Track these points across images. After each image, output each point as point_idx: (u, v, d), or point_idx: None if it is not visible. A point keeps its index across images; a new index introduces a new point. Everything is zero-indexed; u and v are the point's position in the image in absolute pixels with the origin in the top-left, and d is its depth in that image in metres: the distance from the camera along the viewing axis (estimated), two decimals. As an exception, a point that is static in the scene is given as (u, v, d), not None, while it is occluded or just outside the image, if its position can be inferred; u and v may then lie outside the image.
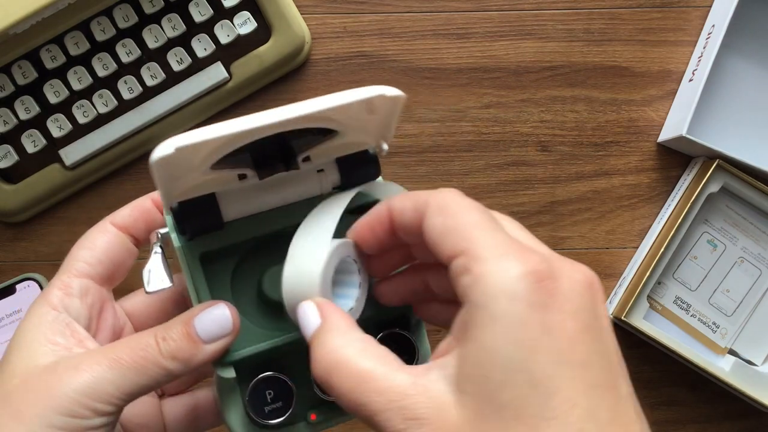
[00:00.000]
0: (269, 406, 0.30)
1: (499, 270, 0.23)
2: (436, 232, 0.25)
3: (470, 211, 0.25)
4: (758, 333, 0.56)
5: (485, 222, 0.25)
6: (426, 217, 0.26)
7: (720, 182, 0.53)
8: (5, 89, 0.52)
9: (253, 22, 0.53)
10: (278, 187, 0.30)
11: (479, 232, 0.25)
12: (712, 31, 0.54)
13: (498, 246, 0.24)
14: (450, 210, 0.26)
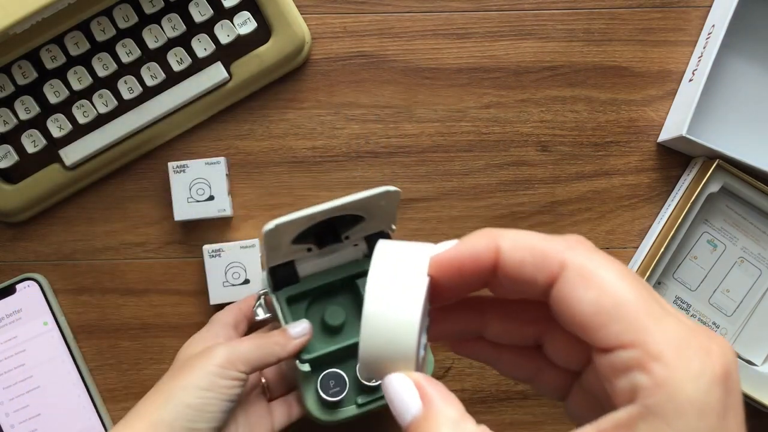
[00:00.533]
0: (332, 390, 0.46)
1: (686, 378, 0.21)
2: (587, 311, 0.22)
3: (626, 285, 0.22)
4: (758, 333, 0.56)
5: (649, 302, 0.22)
6: (564, 285, 0.23)
7: (720, 182, 0.53)
8: (5, 89, 0.52)
9: (253, 22, 0.53)
10: (331, 255, 0.46)
11: (650, 321, 0.21)
12: (712, 31, 0.54)
13: (674, 339, 0.21)
14: (599, 282, 0.22)
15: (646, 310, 0.22)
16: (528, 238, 0.24)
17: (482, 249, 0.24)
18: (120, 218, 0.56)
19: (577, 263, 0.23)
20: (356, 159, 0.56)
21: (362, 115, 0.56)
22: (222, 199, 0.54)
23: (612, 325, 0.22)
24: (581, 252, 0.23)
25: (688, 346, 0.21)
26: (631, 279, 0.22)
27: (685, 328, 0.22)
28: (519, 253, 0.24)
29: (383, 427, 0.56)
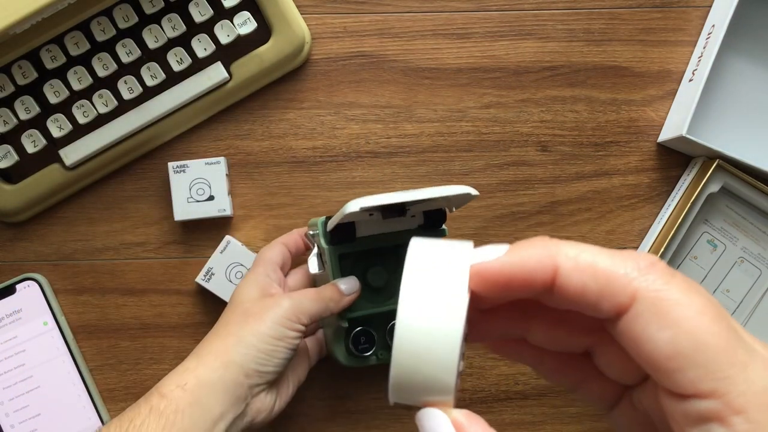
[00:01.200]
0: (361, 345, 0.50)
1: None
2: (661, 353, 0.20)
3: (707, 323, 0.20)
4: (758, 333, 0.56)
5: (733, 343, 0.20)
6: (635, 320, 0.20)
7: (720, 182, 0.53)
8: (5, 89, 0.52)
9: (253, 22, 0.53)
10: (388, 222, 0.49)
11: (734, 369, 0.19)
12: (712, 31, 0.54)
13: (760, 390, 0.19)
14: (677, 319, 0.20)
15: (729, 354, 0.19)
16: (592, 257, 0.21)
17: (537, 266, 0.21)
18: (120, 218, 0.56)
19: (651, 295, 0.20)
20: (356, 159, 0.56)
21: (362, 115, 0.56)
22: (222, 199, 0.54)
23: (690, 371, 0.19)
24: (656, 280, 0.21)
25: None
26: (713, 313, 0.20)
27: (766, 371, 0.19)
28: (581, 276, 0.21)
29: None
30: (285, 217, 0.56)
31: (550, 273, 0.21)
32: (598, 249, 0.22)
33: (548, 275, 0.21)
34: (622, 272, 0.21)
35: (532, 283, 0.21)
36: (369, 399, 0.56)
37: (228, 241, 0.54)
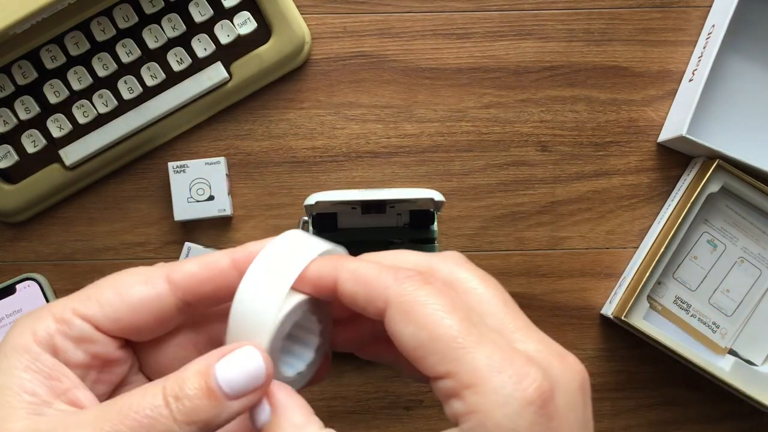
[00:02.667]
0: None
1: (496, 404, 0.21)
2: (408, 346, 0.23)
3: (444, 317, 0.23)
4: (758, 333, 0.56)
5: (466, 331, 0.23)
6: (389, 321, 0.24)
7: (720, 182, 0.53)
8: (5, 89, 0.52)
9: (253, 22, 0.53)
10: (373, 217, 0.50)
11: (462, 351, 0.22)
12: (712, 31, 0.54)
13: (486, 366, 0.22)
14: (417, 317, 0.23)
15: (459, 340, 0.22)
16: (365, 270, 0.25)
17: (326, 276, 0.25)
18: (120, 218, 0.56)
19: (399, 300, 0.23)
20: (356, 159, 0.56)
21: (362, 115, 0.56)
22: (222, 199, 0.54)
23: (429, 358, 0.23)
24: (407, 287, 0.24)
25: (501, 372, 0.22)
26: (450, 308, 0.23)
27: (503, 355, 0.22)
28: (353, 286, 0.24)
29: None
30: (285, 217, 0.56)
31: (332, 283, 0.25)
32: (378, 263, 0.25)
33: (332, 284, 0.25)
34: (381, 282, 0.24)
35: (324, 290, 0.25)
36: (369, 399, 0.56)
37: (189, 247, 0.54)
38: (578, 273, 0.57)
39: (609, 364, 0.57)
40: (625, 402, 0.57)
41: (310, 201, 0.48)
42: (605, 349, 0.57)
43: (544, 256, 0.57)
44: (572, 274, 0.57)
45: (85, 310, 0.25)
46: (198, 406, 0.22)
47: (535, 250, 0.56)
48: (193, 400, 0.22)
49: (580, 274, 0.57)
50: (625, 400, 0.57)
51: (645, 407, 0.57)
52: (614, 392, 0.57)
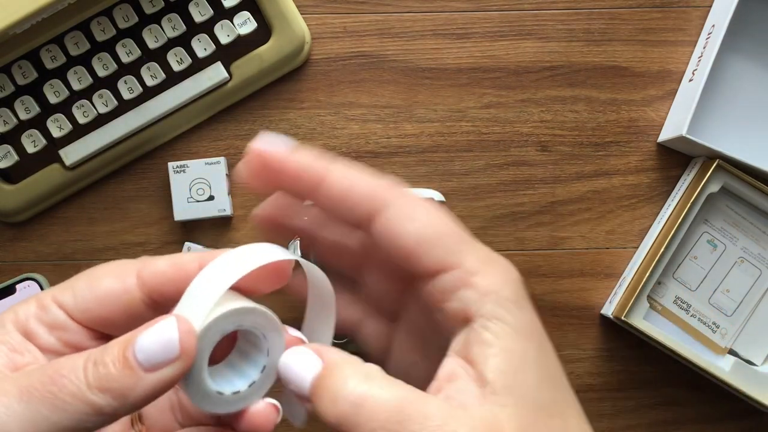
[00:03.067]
0: (338, 334, 0.43)
1: (502, 284, 0.24)
2: (412, 242, 0.25)
3: (441, 218, 0.25)
4: (758, 333, 0.56)
5: (460, 231, 0.26)
6: (389, 219, 0.25)
7: (720, 182, 0.53)
8: (5, 89, 0.52)
9: (253, 22, 0.53)
10: None
11: (464, 245, 0.25)
12: (712, 31, 0.54)
13: (483, 257, 0.25)
14: (420, 216, 0.25)
15: (459, 237, 0.25)
16: (356, 174, 0.26)
17: (310, 167, 0.26)
18: (120, 218, 0.56)
19: (401, 201, 0.26)
20: (356, 159, 0.56)
21: (362, 115, 0.56)
22: (222, 199, 0.54)
23: (434, 251, 0.25)
24: (401, 190, 0.26)
25: (494, 262, 0.25)
26: (442, 214, 0.26)
27: (486, 250, 0.26)
28: (343, 183, 0.26)
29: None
30: (285, 217, 0.56)
31: (320, 175, 0.26)
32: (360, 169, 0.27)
33: (318, 176, 0.26)
34: (379, 184, 0.26)
35: (305, 179, 0.26)
36: (369, 399, 0.56)
37: (189, 247, 0.54)
38: (578, 273, 0.57)
39: (609, 364, 0.57)
40: (625, 402, 0.57)
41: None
42: (605, 349, 0.57)
43: (544, 256, 0.57)
44: (572, 274, 0.57)
45: (61, 298, 0.25)
46: (111, 374, 0.22)
47: (535, 250, 0.56)
48: (108, 367, 0.22)
49: (580, 274, 0.57)
50: (626, 400, 0.57)
51: (645, 407, 0.57)
52: (614, 392, 0.57)
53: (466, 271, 0.24)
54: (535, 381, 0.24)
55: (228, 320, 0.24)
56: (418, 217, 0.25)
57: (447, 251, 0.25)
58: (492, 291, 0.24)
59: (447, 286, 0.25)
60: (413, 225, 0.25)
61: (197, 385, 0.24)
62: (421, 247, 0.25)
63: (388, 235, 0.25)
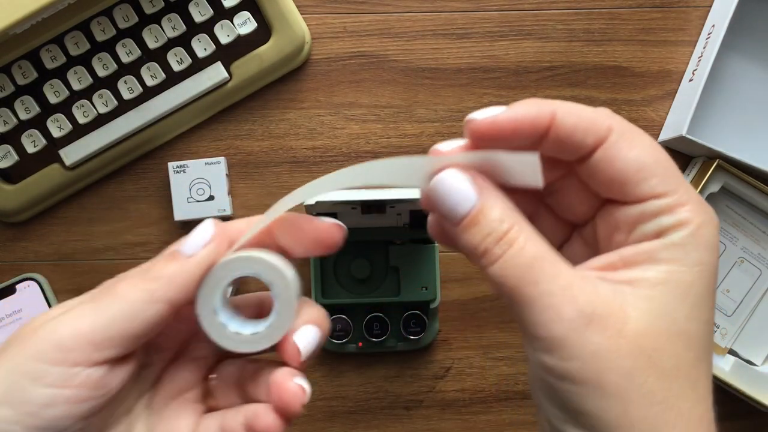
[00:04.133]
0: (336, 333, 0.53)
1: (703, 222, 0.26)
2: (631, 167, 0.26)
3: (659, 149, 0.27)
4: (758, 333, 0.56)
5: (674, 165, 0.28)
6: (611, 146, 0.26)
7: (720, 182, 0.53)
8: (5, 89, 0.52)
9: (253, 22, 0.53)
10: (373, 217, 0.49)
11: (679, 178, 0.27)
12: (712, 31, 0.54)
13: (693, 194, 0.27)
14: (641, 144, 0.27)
15: (674, 170, 0.27)
16: (577, 107, 0.27)
17: (537, 114, 0.26)
18: (120, 218, 0.56)
19: (622, 128, 0.27)
20: (356, 159, 0.56)
21: (362, 115, 0.56)
22: (222, 199, 0.54)
23: (652, 179, 0.26)
24: (621, 120, 0.27)
25: (701, 202, 0.26)
26: (659, 145, 0.27)
27: (695, 191, 0.27)
28: (571, 118, 0.26)
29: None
30: (285, 217, 0.56)
31: (548, 119, 0.26)
32: (578, 104, 0.27)
33: (547, 120, 0.26)
34: (601, 114, 0.27)
35: (534, 127, 0.26)
36: (369, 399, 0.56)
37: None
38: (578, 273, 0.57)
39: (609, 364, 0.57)
40: (625, 402, 0.57)
41: (311, 201, 0.48)
42: (605, 349, 0.57)
43: (544, 256, 0.57)
44: (572, 274, 0.57)
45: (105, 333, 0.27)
46: (160, 265, 0.27)
47: (535, 250, 0.56)
48: (158, 262, 0.28)
49: (580, 274, 0.57)
50: (625, 400, 0.57)
51: (645, 407, 0.57)
52: (614, 392, 0.57)
53: (675, 200, 0.26)
54: (689, 315, 0.25)
55: (237, 264, 0.28)
56: (639, 145, 0.27)
57: (664, 180, 0.26)
58: (691, 224, 0.25)
59: (651, 210, 0.26)
60: (633, 152, 0.26)
61: (216, 325, 0.28)
62: (639, 173, 0.26)
63: (608, 160, 0.26)
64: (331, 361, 0.56)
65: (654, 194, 0.26)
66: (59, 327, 0.26)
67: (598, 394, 0.23)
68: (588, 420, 0.23)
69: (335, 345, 0.54)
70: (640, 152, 0.26)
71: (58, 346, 0.25)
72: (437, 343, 0.56)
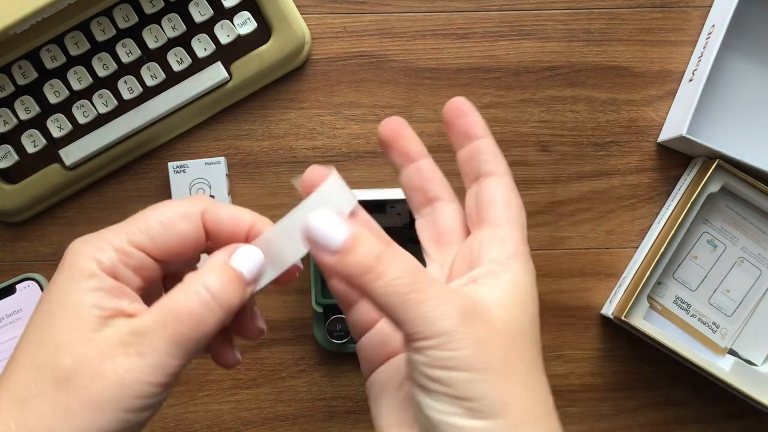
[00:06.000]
0: (336, 333, 0.54)
1: (518, 245, 0.31)
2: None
3: None
4: (758, 333, 0.56)
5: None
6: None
7: (720, 182, 0.53)
8: (5, 89, 0.52)
9: (253, 22, 0.53)
10: (373, 217, 0.50)
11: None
12: (712, 31, 0.54)
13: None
14: None
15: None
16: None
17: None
18: (120, 218, 0.55)
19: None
20: (356, 159, 0.56)
21: (362, 115, 0.56)
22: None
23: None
24: None
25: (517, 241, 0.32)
26: None
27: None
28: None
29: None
30: (285, 217, 0.56)
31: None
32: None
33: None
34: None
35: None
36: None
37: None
38: (578, 273, 0.57)
39: (609, 364, 0.57)
40: (625, 402, 0.57)
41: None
42: (605, 349, 0.57)
43: (544, 256, 0.57)
44: (572, 274, 0.57)
45: (141, 242, 0.29)
46: (228, 291, 0.28)
47: (536, 250, 0.56)
48: (224, 288, 0.28)
49: (580, 274, 0.57)
50: (626, 400, 0.57)
51: (645, 407, 0.57)
52: (614, 392, 0.57)
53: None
54: (528, 320, 0.29)
55: None
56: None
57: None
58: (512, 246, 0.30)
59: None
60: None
61: None
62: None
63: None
64: (331, 361, 0.56)
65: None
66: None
67: (485, 377, 0.26)
68: (475, 404, 0.26)
69: (335, 345, 0.54)
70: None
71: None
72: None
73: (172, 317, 0.27)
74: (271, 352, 0.56)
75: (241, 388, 0.56)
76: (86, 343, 0.27)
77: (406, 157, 0.34)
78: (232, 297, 0.28)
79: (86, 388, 0.26)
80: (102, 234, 0.29)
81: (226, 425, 0.56)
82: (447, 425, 0.27)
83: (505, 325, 0.28)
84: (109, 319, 0.27)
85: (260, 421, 0.56)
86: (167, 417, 0.56)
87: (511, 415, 0.26)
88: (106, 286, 0.28)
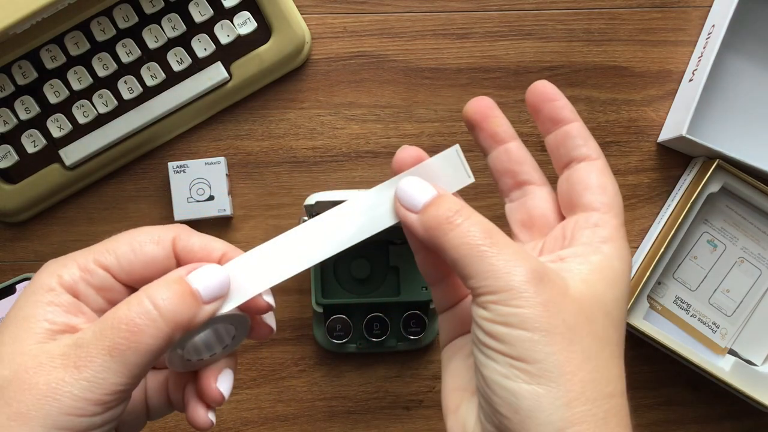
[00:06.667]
0: (336, 333, 0.53)
1: (624, 239, 0.31)
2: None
3: None
4: (758, 333, 0.56)
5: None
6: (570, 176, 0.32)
7: (720, 182, 0.53)
8: (5, 89, 0.52)
9: (253, 22, 0.53)
10: None
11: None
12: (712, 31, 0.54)
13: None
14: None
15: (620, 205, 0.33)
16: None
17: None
18: (120, 218, 0.56)
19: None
20: (356, 159, 0.56)
21: (362, 115, 0.56)
22: (222, 199, 0.54)
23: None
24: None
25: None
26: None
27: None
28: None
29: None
30: (285, 217, 0.56)
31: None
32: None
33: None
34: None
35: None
36: (369, 399, 0.56)
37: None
38: (578, 273, 0.57)
39: (609, 364, 0.57)
40: (625, 402, 0.57)
41: (310, 201, 0.48)
42: (605, 349, 0.57)
43: (544, 256, 0.57)
44: (572, 274, 0.57)
45: (105, 262, 0.29)
46: (180, 309, 0.27)
47: (535, 250, 0.56)
48: (175, 303, 0.27)
49: (580, 274, 0.57)
50: (625, 400, 0.57)
51: (645, 407, 0.57)
52: (614, 392, 0.57)
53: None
54: (611, 300, 0.28)
55: (223, 318, 0.29)
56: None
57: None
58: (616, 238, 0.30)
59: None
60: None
61: (179, 354, 0.29)
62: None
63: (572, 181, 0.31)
64: (331, 361, 0.56)
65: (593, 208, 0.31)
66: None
67: (547, 340, 0.25)
68: (531, 367, 0.25)
69: (335, 345, 0.54)
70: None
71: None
72: (437, 343, 0.56)
73: (110, 328, 0.26)
74: (271, 352, 0.56)
75: (241, 388, 0.56)
76: (26, 355, 0.26)
77: (494, 139, 0.33)
78: (180, 312, 0.26)
79: (16, 401, 0.25)
80: (74, 253, 0.29)
81: (226, 425, 0.56)
82: (499, 386, 0.26)
83: (582, 296, 0.27)
84: (58, 333, 0.27)
85: (260, 421, 0.56)
86: (167, 417, 0.56)
87: (568, 385, 0.25)
88: (62, 302, 0.27)
